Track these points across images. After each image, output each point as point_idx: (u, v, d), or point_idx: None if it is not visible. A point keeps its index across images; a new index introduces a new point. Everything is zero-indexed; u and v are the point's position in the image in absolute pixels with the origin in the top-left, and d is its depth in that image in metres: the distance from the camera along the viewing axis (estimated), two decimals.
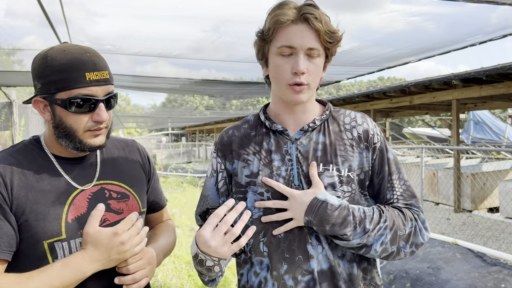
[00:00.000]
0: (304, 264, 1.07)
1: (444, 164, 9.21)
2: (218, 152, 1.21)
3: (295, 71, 1.03)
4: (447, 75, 6.86)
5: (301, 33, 1.03)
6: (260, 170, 1.12)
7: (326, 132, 1.14)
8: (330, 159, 1.10)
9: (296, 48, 1.03)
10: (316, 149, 1.12)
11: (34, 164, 1.04)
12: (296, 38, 1.03)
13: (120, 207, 1.12)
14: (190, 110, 18.40)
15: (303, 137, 1.13)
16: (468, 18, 3.43)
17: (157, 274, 4.54)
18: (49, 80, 0.99)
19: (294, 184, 1.10)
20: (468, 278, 3.79)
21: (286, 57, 1.05)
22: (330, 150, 1.11)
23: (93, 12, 3.70)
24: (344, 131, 1.15)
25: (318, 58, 1.06)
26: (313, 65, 1.06)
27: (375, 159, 1.14)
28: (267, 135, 1.16)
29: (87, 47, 1.05)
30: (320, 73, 1.10)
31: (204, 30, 3.97)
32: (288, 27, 1.04)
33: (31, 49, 4.33)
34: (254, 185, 1.12)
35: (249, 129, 1.20)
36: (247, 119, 1.25)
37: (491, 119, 14.35)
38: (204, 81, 6.18)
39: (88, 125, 1.03)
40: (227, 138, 1.21)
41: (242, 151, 1.16)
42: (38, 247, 0.99)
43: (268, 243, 1.10)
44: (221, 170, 1.20)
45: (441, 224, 6.26)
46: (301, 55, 1.03)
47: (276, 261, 1.09)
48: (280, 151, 1.13)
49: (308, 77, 1.05)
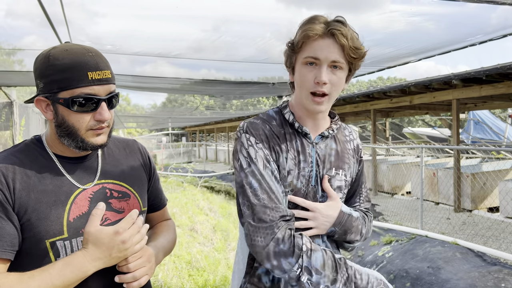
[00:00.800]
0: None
1: (444, 164, 9.21)
2: (263, 143, 1.16)
3: (317, 81, 1.11)
4: (447, 75, 6.86)
5: (327, 47, 1.11)
6: (291, 169, 1.17)
7: (337, 140, 1.28)
8: (340, 164, 1.25)
9: (321, 59, 1.11)
10: (330, 154, 1.24)
11: (36, 164, 1.05)
12: (322, 51, 1.11)
13: (121, 206, 1.13)
14: (191, 110, 18.41)
15: (321, 142, 1.23)
16: (468, 18, 3.43)
17: (158, 274, 4.55)
18: (51, 79, 1.00)
19: (311, 185, 1.19)
20: (468, 278, 3.79)
21: (311, 67, 1.13)
22: (340, 157, 1.26)
23: (94, 12, 3.71)
24: (347, 142, 1.31)
25: (341, 71, 1.14)
26: (336, 77, 1.13)
27: (359, 170, 1.34)
28: (294, 135, 1.21)
29: (89, 46, 1.06)
30: (342, 85, 1.17)
31: (204, 30, 3.97)
32: (315, 40, 1.11)
33: (31, 49, 4.34)
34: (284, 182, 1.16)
35: (277, 126, 1.23)
36: (271, 115, 1.25)
37: (491, 119, 14.35)
38: (205, 81, 6.18)
39: (90, 124, 1.04)
40: (265, 131, 1.19)
41: (278, 147, 1.18)
42: (41, 246, 1.00)
43: None
44: (273, 160, 1.16)
45: (441, 224, 6.27)
46: (325, 67, 1.11)
47: None
48: (304, 153, 1.20)
49: (331, 87, 1.13)
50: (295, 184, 1.17)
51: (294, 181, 1.17)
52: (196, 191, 11.64)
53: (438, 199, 8.00)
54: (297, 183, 1.17)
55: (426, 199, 8.14)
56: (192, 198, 10.16)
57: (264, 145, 1.17)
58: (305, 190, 1.18)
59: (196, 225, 7.14)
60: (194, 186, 12.80)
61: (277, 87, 6.43)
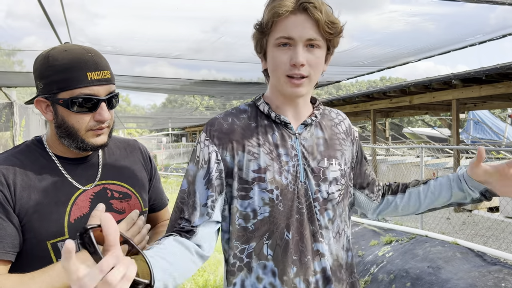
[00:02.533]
0: (313, 264, 1.04)
1: (444, 164, 9.21)
2: (214, 140, 1.05)
3: (293, 63, 0.98)
4: (447, 75, 6.86)
5: (301, 23, 0.98)
6: (268, 165, 1.03)
7: (323, 127, 1.14)
8: (332, 153, 1.11)
9: (295, 39, 0.98)
10: (318, 144, 1.10)
11: (37, 165, 1.05)
12: (295, 28, 0.98)
13: (122, 206, 1.13)
14: (191, 110, 18.39)
15: (305, 131, 1.10)
16: (467, 18, 3.44)
17: None
18: (51, 80, 1.00)
19: (301, 181, 1.05)
20: (468, 278, 3.80)
21: (284, 48, 1.00)
22: (330, 145, 1.12)
23: (94, 13, 3.71)
24: (336, 125, 1.17)
25: (319, 49, 1.01)
26: (313, 57, 1.00)
27: (358, 152, 1.21)
28: (270, 127, 1.08)
29: (89, 47, 1.05)
30: (321, 65, 1.04)
31: (204, 31, 3.98)
32: (286, 18, 0.98)
33: (31, 49, 4.34)
34: (262, 181, 1.02)
35: (248, 119, 1.10)
36: (242, 108, 1.14)
37: (491, 119, 14.35)
38: (204, 81, 6.19)
39: (90, 125, 1.03)
40: (227, 125, 1.07)
41: (246, 142, 1.05)
42: (42, 247, 1.00)
43: (274, 246, 1.02)
44: (217, 161, 1.03)
45: (441, 224, 6.27)
46: (300, 46, 0.98)
47: (285, 265, 1.01)
48: (285, 145, 1.07)
49: (309, 69, 1.00)
50: (278, 180, 1.03)
51: (276, 177, 1.03)
52: None
53: None
54: (281, 179, 1.03)
55: None
56: None
57: (214, 142, 1.04)
58: (293, 188, 1.04)
59: None
60: None
61: None
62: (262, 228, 1.03)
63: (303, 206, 1.05)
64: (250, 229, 1.03)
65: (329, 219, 1.08)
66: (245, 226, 1.03)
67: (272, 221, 1.03)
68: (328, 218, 1.08)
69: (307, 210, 1.05)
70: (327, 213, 1.08)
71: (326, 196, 1.07)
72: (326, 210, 1.07)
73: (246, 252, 1.03)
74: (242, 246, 1.04)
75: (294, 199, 1.04)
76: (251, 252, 1.03)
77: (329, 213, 1.08)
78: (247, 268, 1.03)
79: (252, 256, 1.03)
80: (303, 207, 1.05)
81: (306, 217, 1.05)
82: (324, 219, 1.07)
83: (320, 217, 1.06)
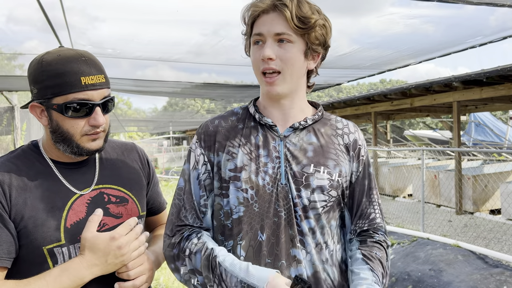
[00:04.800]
0: (287, 270, 1.02)
1: (445, 166, 9.20)
2: (201, 142, 1.11)
3: (261, 57, 1.01)
4: (448, 77, 6.86)
5: (270, 21, 1.01)
6: (245, 164, 1.05)
7: (318, 134, 1.10)
8: (321, 161, 1.07)
9: (264, 34, 1.01)
10: (307, 150, 1.07)
11: (33, 170, 1.04)
12: (265, 25, 1.01)
13: (119, 211, 1.12)
14: (191, 113, 18.41)
15: (292, 135, 1.09)
16: (467, 20, 3.44)
17: (159, 277, 4.54)
18: (45, 85, 0.99)
19: (281, 183, 1.04)
20: (470, 280, 3.78)
21: (258, 46, 1.04)
22: (321, 152, 1.08)
23: (95, 17, 3.73)
24: (336, 136, 1.12)
25: (290, 43, 1.01)
26: (284, 51, 1.01)
27: (360, 172, 1.13)
28: (255, 128, 1.10)
29: (83, 51, 1.04)
30: (297, 61, 1.03)
31: (204, 34, 3.99)
32: (260, 18, 1.03)
33: (32, 53, 4.36)
34: (237, 180, 1.04)
35: (236, 121, 1.13)
36: (235, 111, 1.17)
37: (492, 121, 14.32)
38: (205, 84, 6.20)
39: (85, 129, 1.03)
40: (212, 128, 1.12)
41: (228, 142, 1.09)
42: (38, 253, 0.99)
43: (247, 247, 1.03)
44: (204, 163, 1.10)
45: (442, 226, 6.25)
46: (269, 41, 1.01)
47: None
48: (267, 147, 1.07)
49: (280, 63, 1.01)
50: (253, 180, 1.03)
51: (252, 177, 1.04)
52: None
53: (440, 202, 7.98)
54: (257, 180, 1.03)
55: (428, 202, 8.12)
56: None
57: (201, 144, 1.11)
58: (271, 189, 1.04)
59: None
60: None
61: None
62: (237, 227, 1.04)
63: (282, 209, 1.03)
64: (228, 226, 1.06)
65: (310, 227, 1.05)
66: (225, 224, 1.07)
67: (246, 221, 1.04)
68: (309, 227, 1.04)
69: (287, 213, 1.03)
70: (307, 221, 1.04)
71: (307, 203, 1.03)
72: (307, 218, 1.04)
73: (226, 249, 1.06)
74: (225, 242, 1.07)
75: (272, 201, 1.04)
76: (230, 250, 1.05)
77: (310, 222, 1.04)
78: None
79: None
80: (281, 210, 1.03)
81: (285, 220, 1.03)
82: (304, 226, 1.04)
83: (301, 223, 1.04)
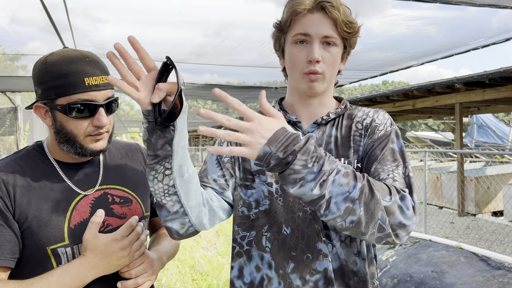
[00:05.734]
0: (313, 263, 1.02)
1: (447, 168, 9.18)
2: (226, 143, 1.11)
3: (309, 59, 1.01)
4: (450, 79, 6.85)
5: (318, 21, 1.01)
6: None
7: (339, 126, 1.11)
8: (342, 151, 1.07)
9: (311, 35, 1.01)
10: (328, 142, 1.08)
11: (37, 170, 1.04)
12: (312, 26, 1.01)
13: (123, 211, 1.12)
14: (193, 114, 18.44)
15: (316, 130, 1.09)
16: (469, 22, 3.44)
17: (161, 278, 4.55)
18: (49, 85, 0.99)
19: None
20: (472, 282, 3.77)
21: (301, 46, 1.03)
22: (341, 143, 1.08)
23: (97, 18, 3.74)
24: (355, 123, 1.11)
25: (335, 47, 1.03)
26: (329, 54, 1.02)
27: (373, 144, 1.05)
28: None
29: (87, 51, 1.05)
30: (337, 64, 1.06)
31: (206, 35, 4.00)
32: (304, 16, 1.02)
33: (36, 54, 4.38)
34: (263, 174, 1.06)
35: None
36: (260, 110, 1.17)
37: (494, 123, 14.29)
38: (207, 85, 6.21)
39: (89, 130, 1.03)
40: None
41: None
42: (42, 253, 0.99)
43: (272, 239, 1.05)
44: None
45: (445, 228, 6.23)
46: (316, 43, 1.01)
47: (282, 259, 1.03)
48: None
49: (324, 66, 1.02)
50: None
51: None
52: None
53: (442, 203, 7.96)
54: None
55: (430, 203, 8.10)
56: None
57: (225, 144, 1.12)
58: None
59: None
60: None
61: (279, 92, 6.44)
62: (262, 219, 1.06)
63: None
64: (252, 217, 1.07)
65: None
66: (247, 215, 1.08)
67: (271, 214, 1.05)
68: None
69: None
70: None
71: None
72: None
73: (246, 240, 1.07)
74: (243, 233, 1.08)
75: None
76: (252, 240, 1.07)
77: None
78: (247, 256, 1.07)
79: (252, 245, 1.07)
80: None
81: (311, 215, 1.03)
82: None
83: None
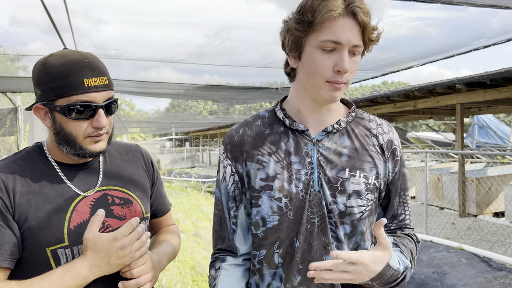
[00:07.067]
0: None
1: (448, 169, 9.16)
2: (228, 153, 1.09)
3: (338, 69, 0.95)
4: (451, 79, 6.84)
5: (349, 29, 0.94)
6: (277, 173, 1.02)
7: (352, 136, 1.06)
8: (357, 164, 1.03)
9: (343, 44, 0.94)
10: (341, 154, 1.04)
11: (37, 171, 1.04)
12: (344, 33, 0.93)
13: (123, 213, 1.12)
14: (194, 115, 18.47)
15: (325, 138, 1.05)
16: (470, 22, 3.44)
17: (162, 279, 4.54)
18: (48, 87, 0.99)
19: (314, 190, 1.01)
20: (474, 283, 3.76)
21: (328, 53, 0.95)
22: (357, 156, 1.04)
23: (98, 19, 3.74)
24: (371, 136, 1.08)
25: (359, 55, 1.00)
26: (354, 64, 0.98)
27: (396, 173, 1.09)
28: (285, 134, 1.06)
29: (86, 52, 1.04)
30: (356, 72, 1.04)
31: (207, 36, 4.00)
32: (335, 20, 0.93)
33: (36, 55, 4.38)
34: (270, 189, 1.02)
35: (262, 126, 1.09)
36: (260, 115, 1.13)
37: (495, 123, 14.27)
38: (208, 86, 6.21)
39: (88, 131, 1.03)
40: (238, 138, 1.09)
41: (256, 151, 1.05)
42: (41, 254, 0.99)
43: (284, 254, 1.03)
44: (232, 174, 1.08)
45: (446, 229, 6.22)
46: (346, 52, 0.95)
47: (290, 273, 1.02)
48: (299, 153, 1.03)
49: (349, 75, 0.98)
50: (287, 189, 1.01)
51: (285, 185, 1.01)
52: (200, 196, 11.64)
53: (443, 204, 7.94)
54: (291, 188, 1.01)
55: (431, 204, 8.09)
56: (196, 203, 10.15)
57: (228, 155, 1.09)
58: (304, 196, 1.01)
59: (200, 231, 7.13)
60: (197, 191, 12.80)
61: (280, 92, 6.44)
62: (271, 236, 1.03)
63: (315, 215, 1.01)
64: (260, 236, 1.05)
65: (346, 233, 1.02)
66: (255, 233, 1.06)
67: (281, 229, 1.03)
68: (344, 233, 1.02)
69: (320, 220, 1.01)
70: (343, 227, 1.02)
71: (343, 209, 1.01)
72: (343, 224, 1.02)
73: (257, 258, 1.06)
74: (253, 252, 1.07)
75: (304, 207, 1.01)
76: (262, 259, 1.05)
77: (345, 228, 1.02)
78: (259, 274, 1.06)
79: (263, 263, 1.05)
80: (314, 217, 1.01)
81: (318, 227, 1.01)
82: (340, 232, 1.02)
83: (336, 230, 1.02)
